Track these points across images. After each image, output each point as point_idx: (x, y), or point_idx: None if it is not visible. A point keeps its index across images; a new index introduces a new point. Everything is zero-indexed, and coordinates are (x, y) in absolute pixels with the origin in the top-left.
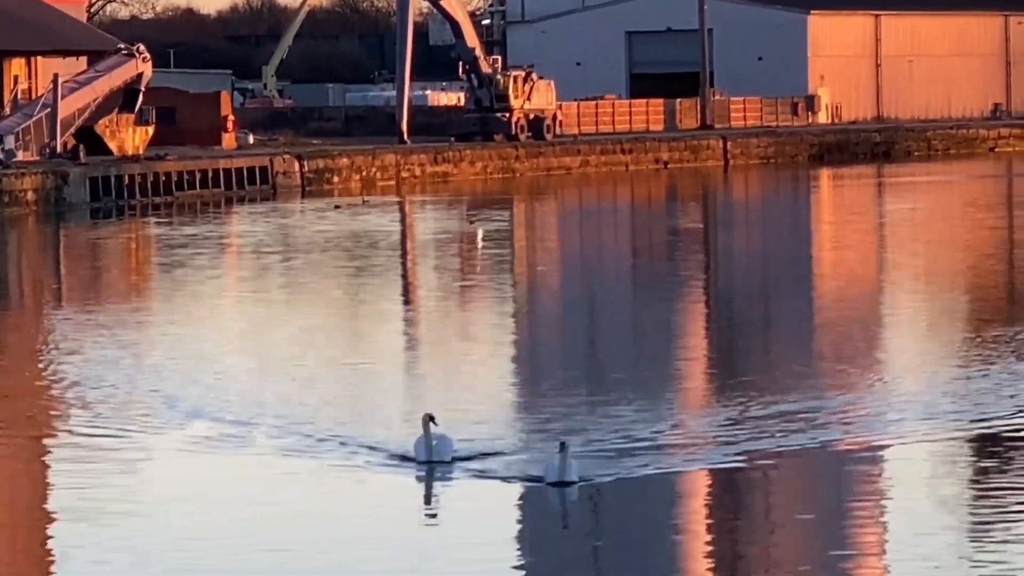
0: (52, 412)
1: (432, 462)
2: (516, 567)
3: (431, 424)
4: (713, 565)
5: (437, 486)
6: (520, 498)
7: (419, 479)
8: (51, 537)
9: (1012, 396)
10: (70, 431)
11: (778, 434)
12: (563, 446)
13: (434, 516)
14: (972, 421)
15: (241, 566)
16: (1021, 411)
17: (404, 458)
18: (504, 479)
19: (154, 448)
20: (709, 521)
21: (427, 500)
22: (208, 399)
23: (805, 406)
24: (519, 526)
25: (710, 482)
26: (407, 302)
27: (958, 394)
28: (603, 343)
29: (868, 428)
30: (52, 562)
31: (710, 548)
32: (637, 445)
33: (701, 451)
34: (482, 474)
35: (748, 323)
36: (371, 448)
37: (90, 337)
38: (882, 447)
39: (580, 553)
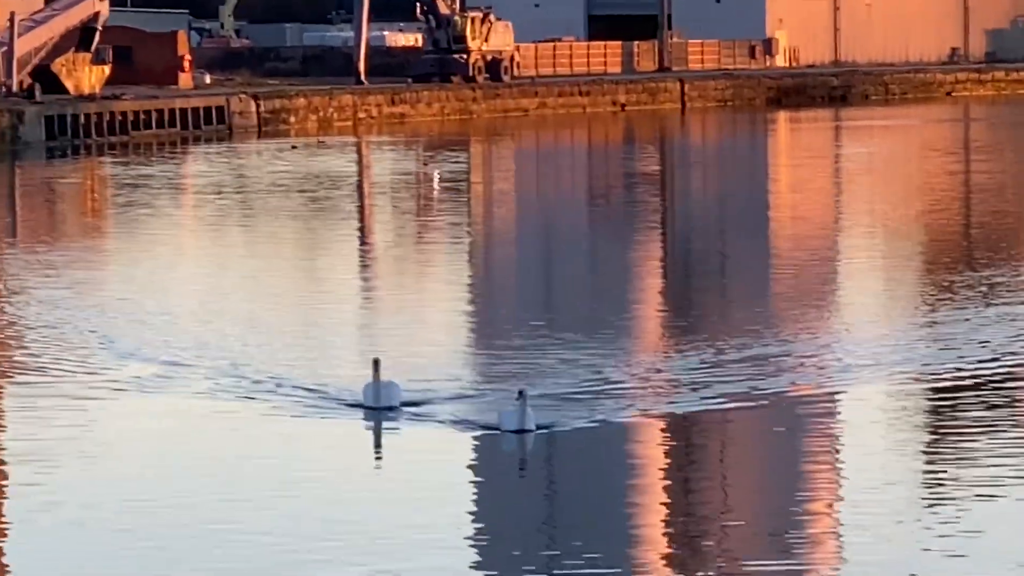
0: None
1: (380, 408)
2: (468, 514)
3: (378, 369)
4: (669, 512)
5: (388, 433)
6: (476, 446)
7: (367, 426)
8: None
9: (968, 341)
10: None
11: (735, 380)
12: (521, 394)
13: (384, 463)
14: (929, 367)
15: (183, 511)
16: (971, 358)
17: (352, 404)
18: (460, 426)
19: (91, 389)
20: (666, 468)
21: (377, 446)
22: (153, 340)
23: (763, 352)
24: (473, 474)
25: (668, 429)
26: (362, 244)
27: (916, 339)
28: (559, 286)
29: (827, 373)
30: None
31: (667, 495)
32: (594, 392)
33: (660, 398)
34: (438, 421)
35: (705, 266)
36: (318, 392)
37: (38, 276)
38: (842, 392)
39: (533, 501)
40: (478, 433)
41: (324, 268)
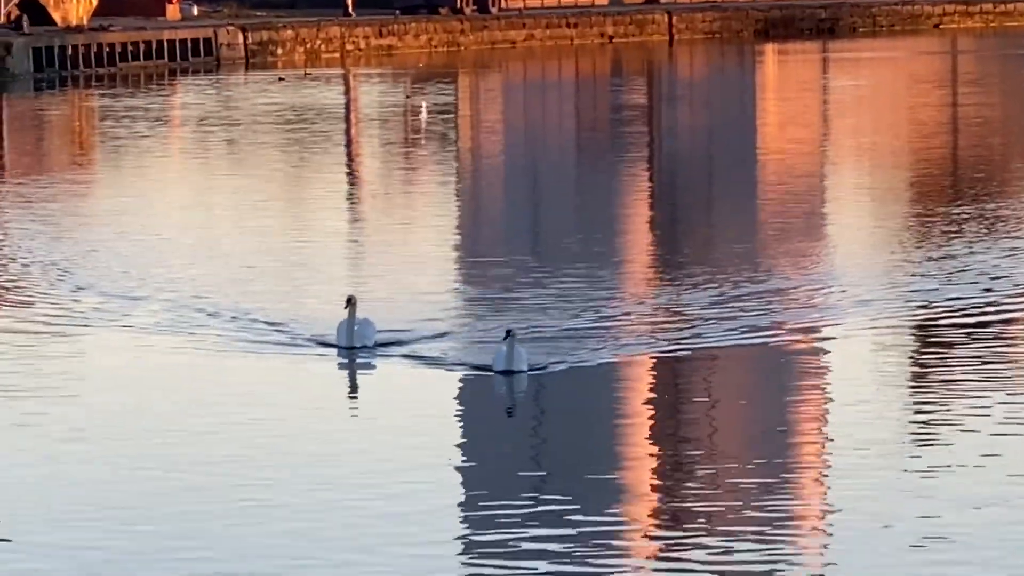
0: None
1: (354, 347)
2: (456, 452)
3: (353, 307)
4: (658, 449)
5: (365, 372)
6: (465, 386)
7: (341, 365)
8: None
9: (957, 274)
10: None
11: (724, 319)
12: (509, 333)
13: (362, 402)
14: (919, 301)
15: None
16: (961, 291)
17: (325, 343)
18: (449, 367)
19: (58, 325)
20: (657, 405)
21: (352, 387)
22: (128, 274)
23: (754, 288)
24: (462, 415)
25: (657, 368)
26: (349, 176)
27: (906, 273)
28: (547, 220)
29: (816, 311)
30: None
31: (656, 432)
32: (584, 331)
33: (648, 337)
34: (429, 361)
35: (694, 200)
36: (291, 331)
37: (19, 208)
38: (830, 329)
39: (523, 440)
40: (469, 373)
41: (309, 201)
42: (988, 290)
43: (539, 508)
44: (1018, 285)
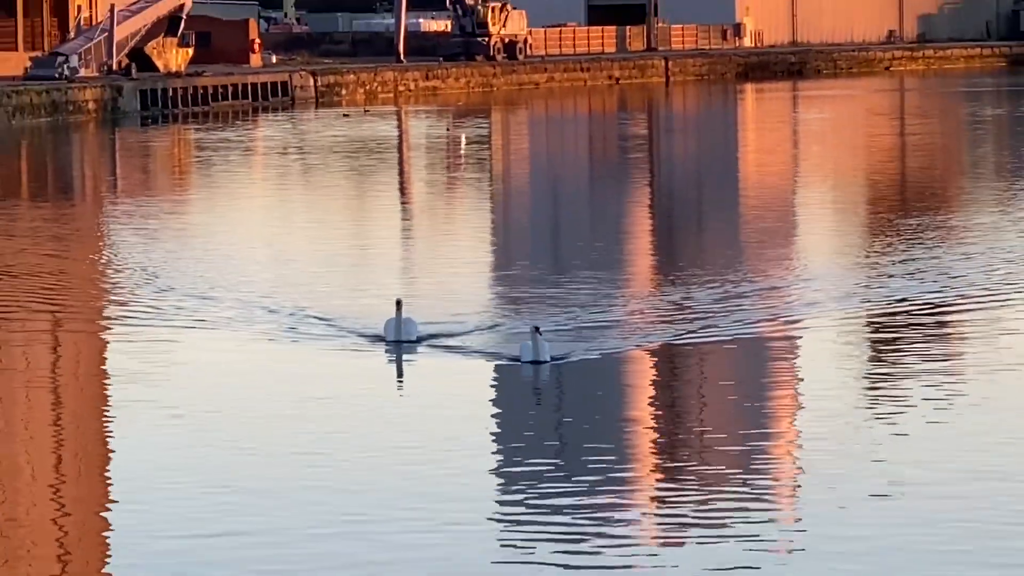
0: (82, 291)
1: (400, 341)
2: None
3: (400, 308)
4: (663, 430)
5: (410, 362)
6: (498, 374)
7: (389, 357)
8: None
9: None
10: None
11: (723, 313)
12: (537, 329)
13: (407, 388)
14: (882, 301)
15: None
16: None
17: (376, 338)
18: (483, 358)
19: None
20: (661, 393)
21: (398, 374)
22: (217, 280)
23: (748, 288)
24: (496, 401)
25: (662, 357)
26: (400, 195)
27: (869, 276)
28: (567, 231)
29: (798, 310)
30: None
31: (660, 416)
32: (598, 326)
33: (653, 331)
34: (465, 353)
35: (690, 213)
36: (346, 327)
37: (134, 223)
38: (808, 324)
39: (551, 424)
40: (501, 363)
41: (367, 216)
42: (941, 288)
43: (565, 476)
44: (967, 285)
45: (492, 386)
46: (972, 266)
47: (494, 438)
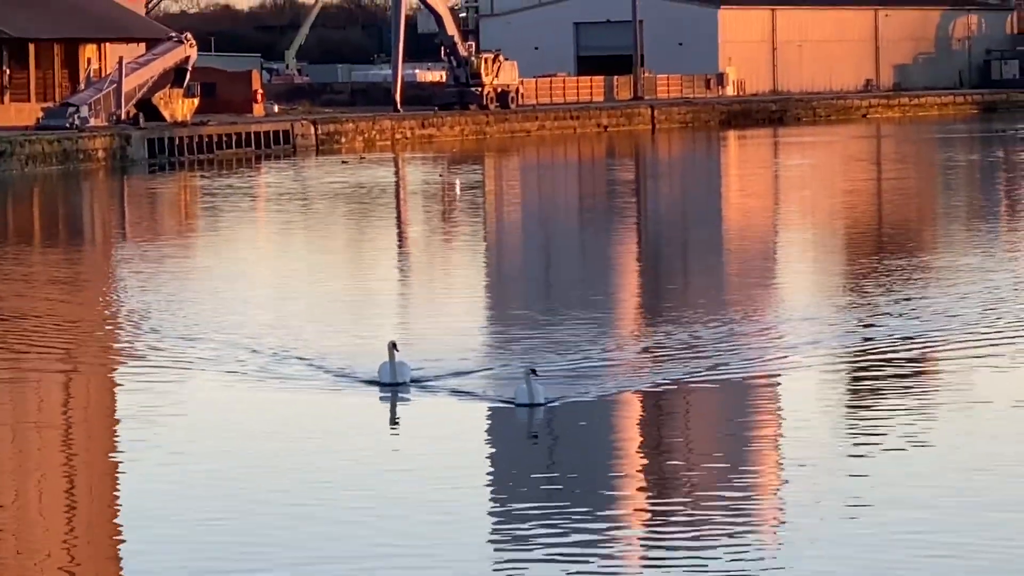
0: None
1: (396, 384)
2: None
3: (394, 351)
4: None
5: (404, 404)
6: (492, 417)
7: (383, 399)
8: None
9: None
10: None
11: (707, 356)
12: (533, 372)
13: (403, 430)
14: (859, 344)
15: (227, 461)
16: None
17: (370, 381)
18: (479, 400)
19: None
20: (650, 433)
21: (391, 418)
22: (217, 323)
23: (728, 330)
24: (492, 444)
25: (653, 401)
26: (398, 239)
27: (847, 319)
28: (558, 274)
29: (783, 351)
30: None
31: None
32: (589, 370)
33: (642, 373)
34: (459, 396)
35: (676, 256)
36: (342, 370)
37: (140, 269)
38: (790, 366)
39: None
40: (496, 406)
41: (365, 260)
42: (918, 328)
43: (558, 514)
44: (943, 324)
45: (487, 430)
46: (948, 306)
47: (490, 482)
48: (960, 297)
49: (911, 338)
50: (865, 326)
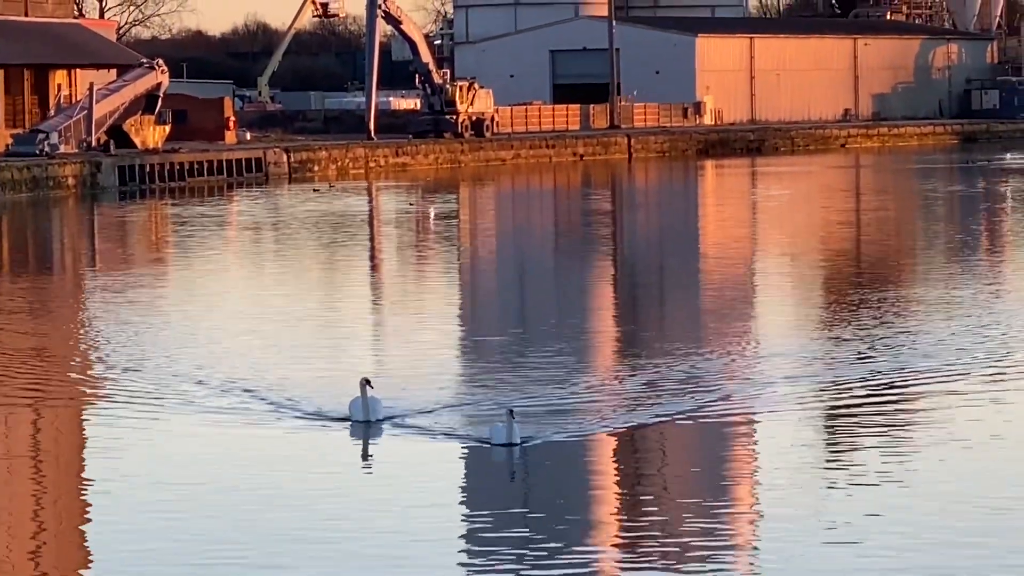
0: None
1: (369, 421)
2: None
3: (367, 387)
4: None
5: (376, 443)
6: (469, 457)
7: (353, 436)
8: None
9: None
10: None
11: (686, 397)
12: (511, 412)
13: (376, 468)
14: (835, 380)
15: (196, 506)
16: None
17: (342, 418)
18: (455, 439)
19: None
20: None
21: (364, 456)
22: (178, 357)
23: (710, 368)
24: (467, 483)
25: (628, 441)
26: (372, 269)
27: (825, 354)
28: (533, 306)
29: (753, 391)
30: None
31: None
32: (564, 408)
33: (619, 414)
34: (432, 435)
35: (649, 288)
36: (313, 407)
37: (108, 299)
38: (767, 404)
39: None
40: (471, 445)
41: (338, 290)
42: (897, 362)
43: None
44: (921, 358)
45: (463, 470)
46: (927, 340)
47: (465, 523)
48: (939, 331)
49: (889, 372)
50: (843, 361)
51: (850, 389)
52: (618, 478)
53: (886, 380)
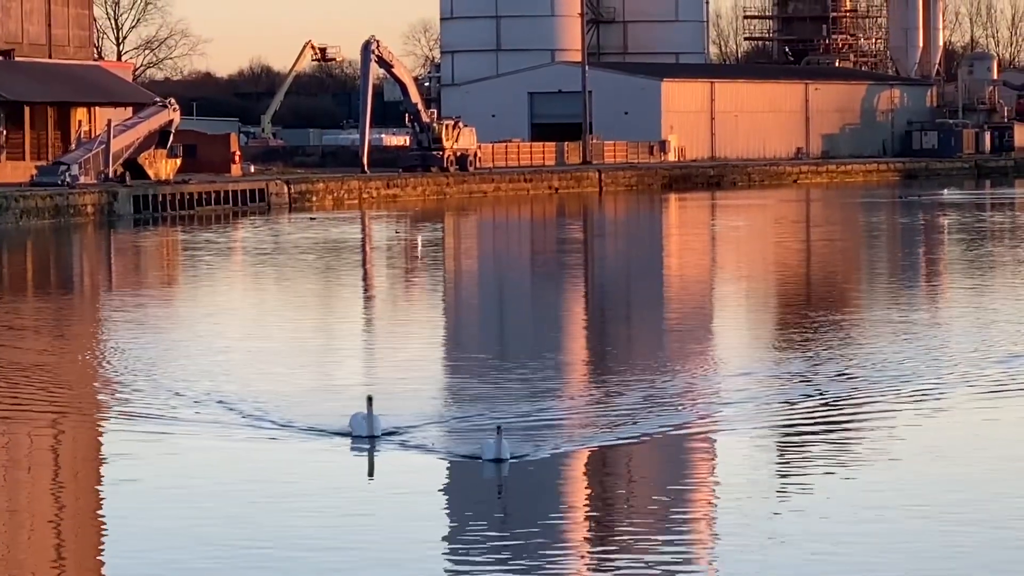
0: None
1: (372, 436)
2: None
3: (370, 403)
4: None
5: (378, 456)
6: (460, 472)
7: (356, 451)
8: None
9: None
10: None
11: (660, 411)
12: (499, 429)
13: (376, 481)
14: (793, 399)
15: (203, 520)
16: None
17: (341, 433)
18: (446, 456)
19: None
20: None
21: (366, 470)
22: (186, 375)
23: (683, 386)
24: (457, 498)
25: (607, 458)
26: (364, 292)
27: (781, 374)
28: (513, 328)
29: (715, 406)
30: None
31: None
32: (547, 423)
33: (598, 430)
34: (427, 451)
35: (617, 309)
36: (315, 423)
37: (124, 318)
38: (726, 421)
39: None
40: (462, 461)
41: (334, 312)
42: (847, 381)
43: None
44: (869, 377)
45: (455, 485)
46: (872, 361)
47: (457, 537)
48: (883, 352)
49: (837, 389)
50: (797, 380)
51: (807, 405)
52: (601, 491)
53: (834, 397)
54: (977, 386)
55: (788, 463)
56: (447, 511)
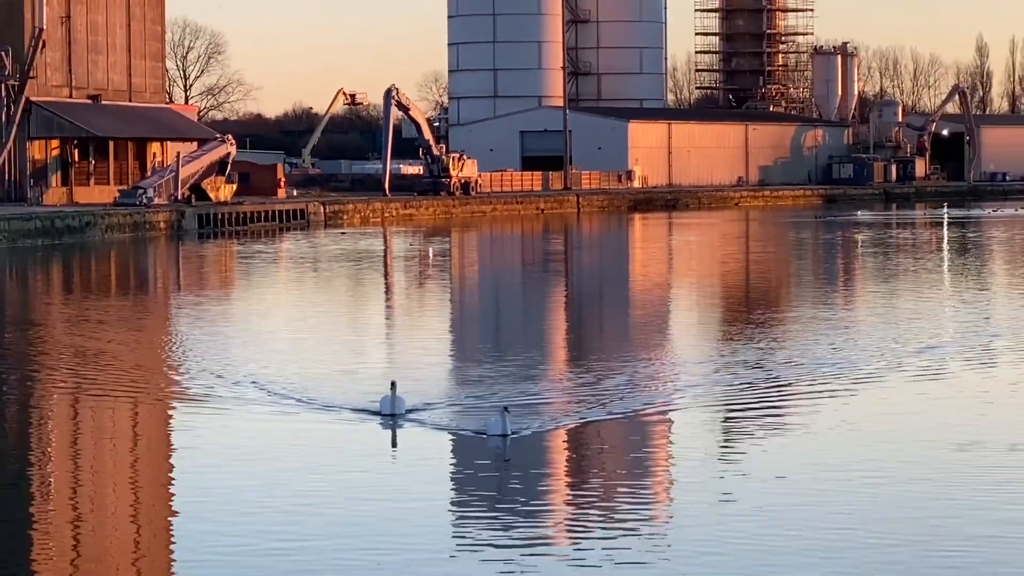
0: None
1: (395, 415)
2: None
3: (393, 387)
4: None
5: (401, 431)
6: (470, 446)
7: (384, 427)
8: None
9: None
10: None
11: (633, 394)
12: (506, 409)
13: (400, 453)
14: (742, 386)
15: (246, 480)
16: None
17: (372, 412)
18: (457, 432)
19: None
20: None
21: (393, 443)
22: (246, 363)
23: (659, 371)
24: (469, 467)
25: (595, 434)
26: (385, 293)
27: (734, 364)
28: (506, 323)
29: (676, 391)
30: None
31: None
32: (543, 402)
33: (585, 407)
34: (442, 428)
35: (592, 307)
36: (348, 404)
37: (190, 314)
38: (680, 406)
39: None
40: (470, 436)
41: (360, 309)
42: (787, 369)
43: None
44: (805, 365)
45: (464, 455)
46: (806, 351)
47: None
48: (818, 343)
49: (774, 376)
50: (753, 366)
51: (754, 387)
52: (585, 460)
53: (776, 380)
54: (904, 371)
55: (735, 435)
56: (458, 477)
